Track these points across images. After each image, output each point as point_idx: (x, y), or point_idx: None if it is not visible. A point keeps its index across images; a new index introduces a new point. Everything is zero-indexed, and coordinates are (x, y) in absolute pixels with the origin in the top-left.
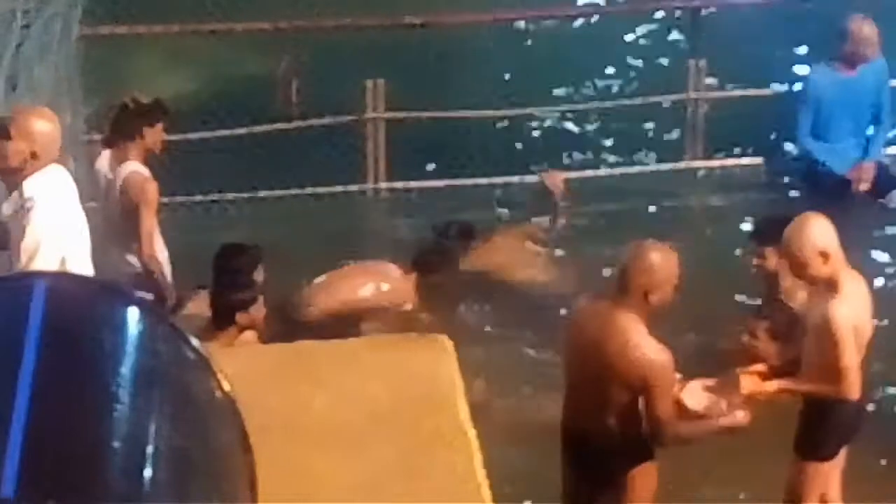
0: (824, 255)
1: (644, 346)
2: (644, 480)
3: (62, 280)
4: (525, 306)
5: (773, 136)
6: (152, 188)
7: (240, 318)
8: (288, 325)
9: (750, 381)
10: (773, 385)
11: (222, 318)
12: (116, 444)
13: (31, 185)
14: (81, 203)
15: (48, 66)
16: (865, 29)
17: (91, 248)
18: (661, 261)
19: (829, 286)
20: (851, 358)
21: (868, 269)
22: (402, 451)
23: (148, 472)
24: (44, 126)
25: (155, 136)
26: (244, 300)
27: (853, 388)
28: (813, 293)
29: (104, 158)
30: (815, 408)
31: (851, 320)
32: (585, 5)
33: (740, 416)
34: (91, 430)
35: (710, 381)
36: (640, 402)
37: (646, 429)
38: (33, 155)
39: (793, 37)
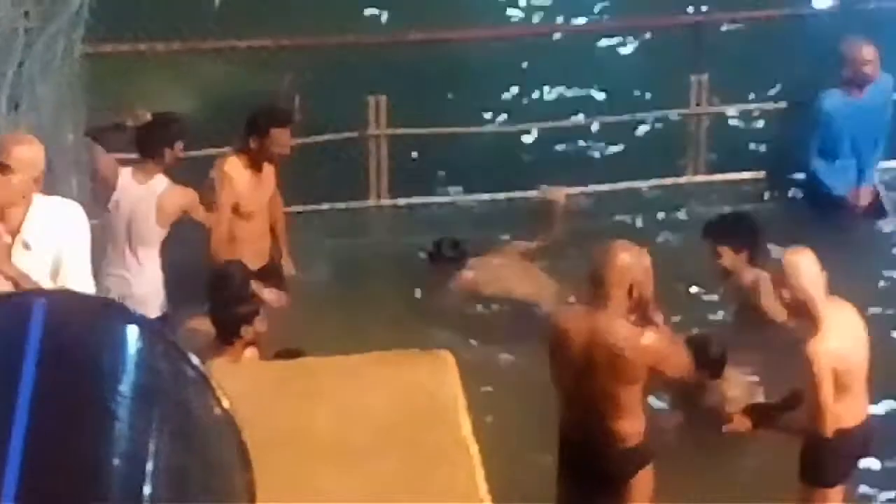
0: (804, 290)
1: (640, 333)
2: (642, 486)
3: (61, 298)
4: (521, 323)
5: (774, 153)
6: (195, 197)
7: (244, 331)
8: None
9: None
10: (748, 423)
11: (227, 334)
12: (116, 462)
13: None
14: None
15: (51, 85)
16: (863, 51)
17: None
18: (635, 258)
19: (810, 322)
20: (828, 396)
21: (864, 291)
22: (405, 466)
23: (147, 490)
24: (36, 151)
25: (173, 154)
26: (248, 313)
27: (827, 426)
28: (799, 328)
29: (126, 176)
30: (818, 434)
31: (832, 357)
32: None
33: None
34: (90, 447)
35: None
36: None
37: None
38: (36, 181)
39: (795, 52)
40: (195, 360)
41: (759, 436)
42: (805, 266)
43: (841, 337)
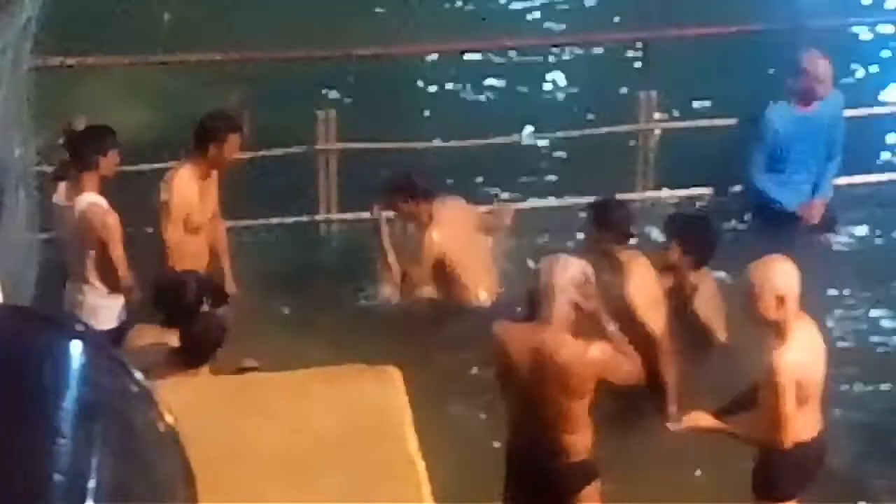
0: (780, 300)
1: (586, 346)
2: (589, 502)
3: (1, 311)
4: (464, 331)
5: (724, 168)
6: (113, 220)
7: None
8: None
9: (700, 417)
10: (708, 422)
11: (201, 356)
12: (57, 478)
13: None
14: (33, 235)
15: None
16: (820, 66)
17: (43, 280)
18: (579, 272)
19: (777, 332)
20: (790, 408)
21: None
22: (352, 482)
23: None
24: None
25: (109, 163)
26: (222, 336)
27: (787, 437)
28: (761, 338)
29: (61, 191)
30: (771, 448)
31: (796, 370)
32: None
33: None
34: (31, 464)
35: None
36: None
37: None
38: None
39: (744, 69)
40: (138, 374)
41: (704, 445)
42: (772, 270)
43: (804, 349)
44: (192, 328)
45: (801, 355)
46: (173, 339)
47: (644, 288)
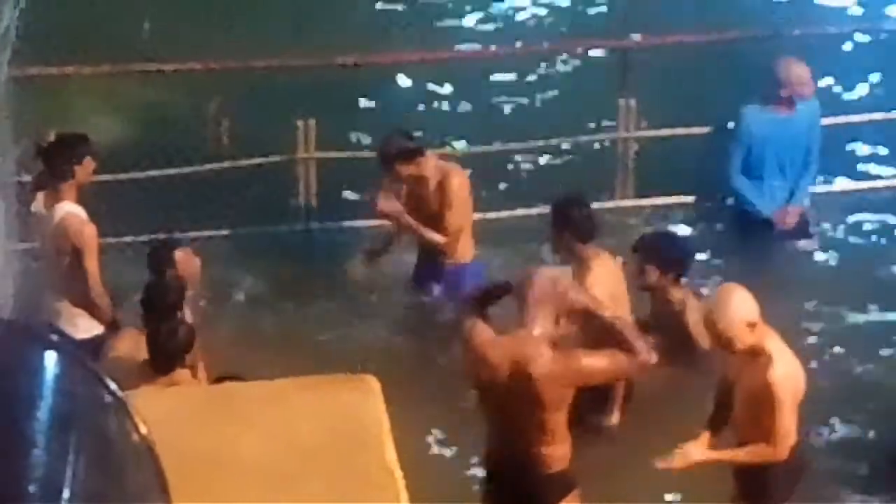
0: (751, 325)
1: (562, 356)
2: None
3: None
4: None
5: (702, 176)
6: (91, 231)
7: (188, 358)
8: None
9: (692, 451)
10: (701, 455)
11: (169, 361)
12: (32, 489)
13: None
14: (13, 245)
15: None
16: (795, 70)
17: (24, 289)
18: (565, 285)
19: (757, 352)
20: (791, 420)
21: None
22: (329, 491)
23: None
24: None
25: (85, 171)
26: (191, 340)
27: (787, 448)
28: (739, 360)
29: (39, 200)
30: (776, 459)
31: (791, 382)
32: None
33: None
34: (5, 474)
35: None
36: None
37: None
38: None
39: (723, 76)
40: (113, 385)
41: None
42: (733, 303)
43: (785, 359)
44: (158, 334)
45: (787, 365)
46: None
47: (603, 284)
